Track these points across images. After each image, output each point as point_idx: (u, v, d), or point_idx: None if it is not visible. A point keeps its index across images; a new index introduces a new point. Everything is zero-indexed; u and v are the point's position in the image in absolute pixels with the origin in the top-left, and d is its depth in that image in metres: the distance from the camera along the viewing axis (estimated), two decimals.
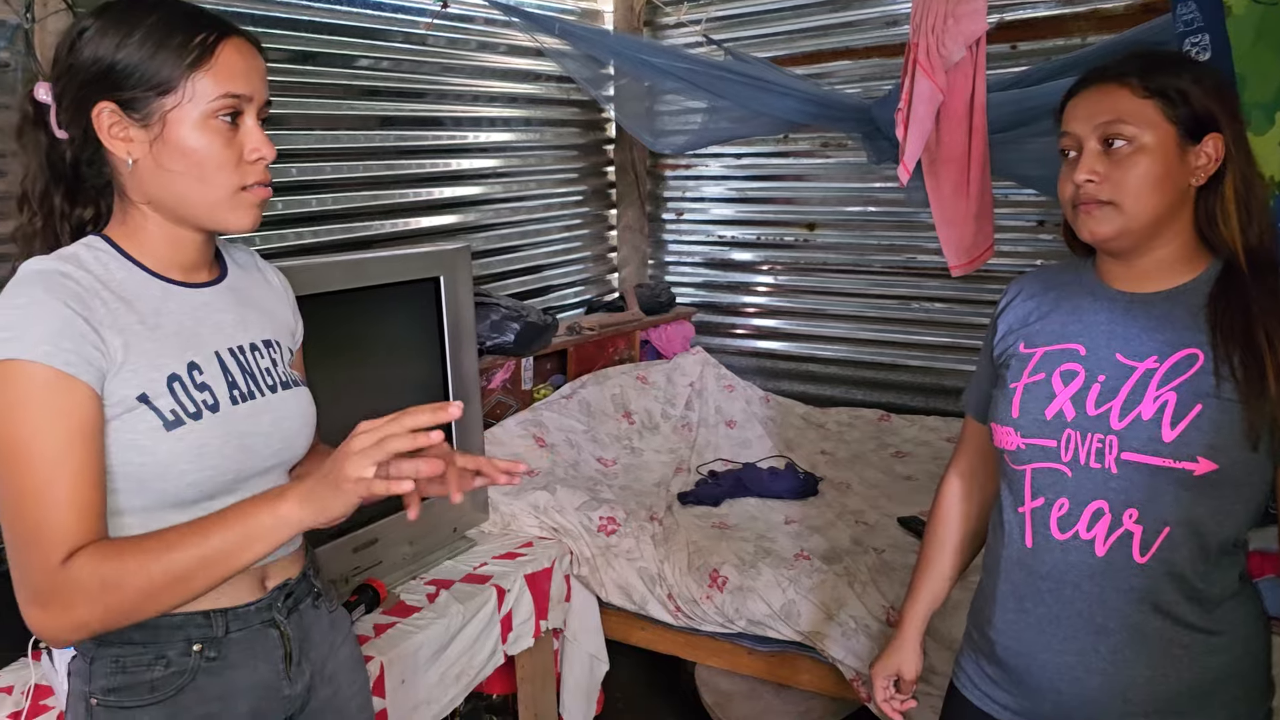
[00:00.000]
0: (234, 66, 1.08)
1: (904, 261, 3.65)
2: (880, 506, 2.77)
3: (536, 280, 3.78)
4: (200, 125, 1.07)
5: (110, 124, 1.06)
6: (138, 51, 1.04)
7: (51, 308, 1.00)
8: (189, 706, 1.13)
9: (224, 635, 1.15)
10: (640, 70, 2.67)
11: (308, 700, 1.26)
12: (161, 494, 1.08)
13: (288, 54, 2.69)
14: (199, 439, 1.09)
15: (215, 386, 1.12)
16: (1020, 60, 3.19)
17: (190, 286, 1.16)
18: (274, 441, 1.19)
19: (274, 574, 1.22)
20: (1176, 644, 1.17)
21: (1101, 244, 1.21)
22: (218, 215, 1.11)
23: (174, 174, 1.07)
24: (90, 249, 1.10)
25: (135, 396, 1.05)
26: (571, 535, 2.55)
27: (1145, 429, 1.15)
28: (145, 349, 1.07)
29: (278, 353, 1.24)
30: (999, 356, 1.34)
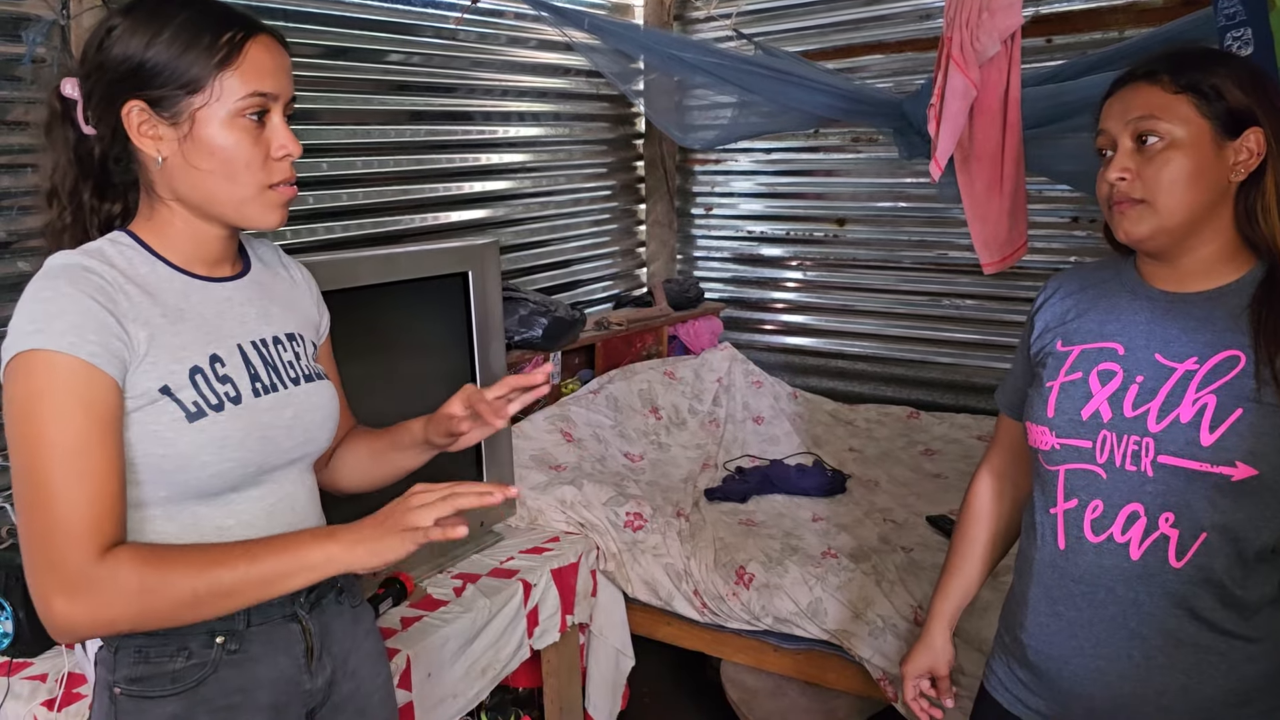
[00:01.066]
0: (261, 65, 1.09)
1: (935, 258, 3.62)
2: (909, 505, 2.75)
3: (565, 275, 3.78)
4: (228, 124, 1.08)
5: (140, 122, 1.07)
6: (167, 50, 1.05)
7: (76, 300, 1.02)
8: (209, 698, 1.14)
9: (245, 628, 1.16)
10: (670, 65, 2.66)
11: (329, 694, 1.26)
12: (184, 485, 1.09)
13: (319, 49, 2.70)
14: (221, 430, 1.10)
15: (237, 378, 1.13)
16: (1056, 54, 3.15)
17: (214, 281, 1.17)
18: (296, 434, 1.20)
19: None
20: (1213, 651, 1.16)
21: (1137, 244, 1.19)
22: (245, 213, 1.12)
23: (203, 172, 1.09)
24: (115, 244, 1.11)
25: (157, 388, 1.06)
26: (598, 531, 2.55)
27: (1183, 432, 1.13)
28: (167, 341, 1.08)
29: (300, 346, 1.25)
30: (1036, 354, 1.33)
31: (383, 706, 1.37)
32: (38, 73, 2.01)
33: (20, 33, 1.97)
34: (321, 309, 1.37)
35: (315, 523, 1.26)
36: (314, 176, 2.71)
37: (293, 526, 1.20)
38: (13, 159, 2.02)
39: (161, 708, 1.12)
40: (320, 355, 1.35)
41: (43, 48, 1.99)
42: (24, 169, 2.03)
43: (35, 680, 1.74)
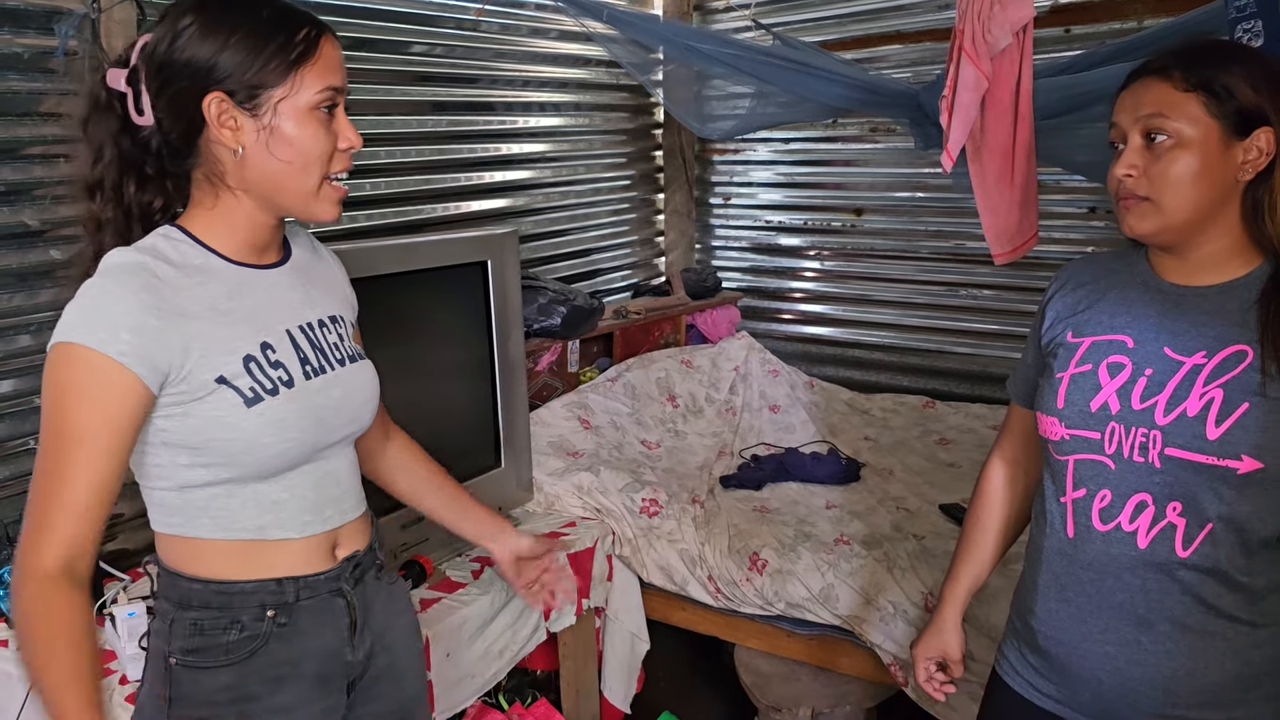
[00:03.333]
0: (332, 61, 1.14)
1: (952, 248, 3.62)
2: (922, 493, 2.77)
3: (584, 264, 3.81)
4: (306, 116, 1.12)
5: (220, 113, 1.10)
6: (245, 48, 1.09)
7: (118, 297, 1.06)
8: (260, 669, 1.19)
9: (295, 602, 1.20)
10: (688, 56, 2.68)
11: (367, 667, 1.31)
12: (249, 466, 1.14)
13: (343, 41, 2.70)
14: (278, 413, 1.14)
15: (289, 363, 1.18)
16: (1074, 44, 3.14)
17: (262, 268, 1.21)
18: (345, 413, 1.25)
19: (344, 544, 1.28)
20: (1220, 636, 1.17)
21: (1142, 239, 1.20)
22: (309, 205, 1.16)
23: (280, 163, 1.12)
24: (167, 239, 1.14)
25: (214, 379, 1.11)
26: (614, 516, 2.59)
27: (1190, 426, 1.14)
28: (219, 334, 1.12)
29: (342, 327, 1.30)
30: (1046, 345, 1.34)
31: (417, 678, 1.43)
32: (69, 65, 2.06)
33: (52, 26, 2.02)
34: (352, 290, 1.41)
35: (356, 495, 1.31)
36: None
37: (336, 499, 1.26)
38: (46, 149, 2.07)
39: (216, 678, 1.17)
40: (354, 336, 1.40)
41: (74, 40, 2.03)
42: (56, 159, 2.08)
43: None
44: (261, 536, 1.19)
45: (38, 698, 1.06)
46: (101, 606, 1.87)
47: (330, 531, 1.25)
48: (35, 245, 2.07)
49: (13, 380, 2.06)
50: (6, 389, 2.06)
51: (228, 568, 1.18)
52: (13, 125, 2.01)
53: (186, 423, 1.11)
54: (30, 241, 2.06)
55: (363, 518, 1.33)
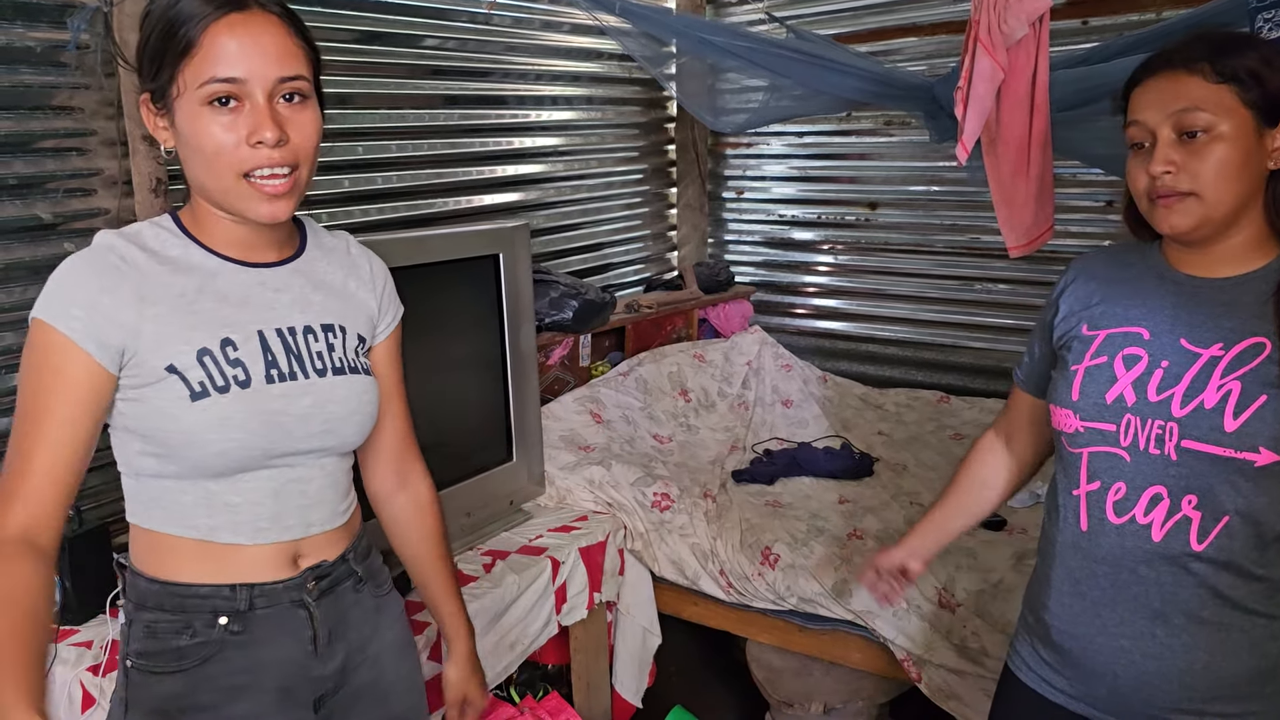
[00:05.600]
0: (223, 49, 1.04)
1: (967, 242, 3.60)
2: (936, 488, 2.75)
3: (597, 258, 3.81)
4: (195, 114, 1.06)
5: (146, 114, 1.11)
6: (152, 43, 1.08)
7: (79, 275, 1.08)
8: (214, 677, 1.16)
9: (248, 610, 1.17)
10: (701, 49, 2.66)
11: (343, 681, 1.27)
12: (192, 462, 1.12)
13: (355, 34, 2.74)
14: (223, 411, 1.11)
15: (250, 364, 1.14)
16: (1091, 36, 3.11)
17: (248, 265, 1.18)
18: (313, 424, 1.19)
19: (308, 553, 1.23)
20: (1236, 629, 1.16)
21: (1182, 236, 1.18)
22: (232, 203, 1.11)
23: (191, 164, 1.11)
24: (155, 226, 1.16)
25: (164, 367, 1.10)
26: (626, 510, 2.58)
27: (1207, 418, 1.13)
28: (179, 321, 1.11)
29: (339, 338, 1.23)
30: (1059, 338, 1.33)
31: (407, 694, 1.37)
32: (82, 59, 2.06)
33: (65, 19, 2.02)
34: (388, 304, 1.34)
35: (330, 508, 1.25)
36: (350, 160, 2.76)
37: (301, 510, 1.21)
38: (59, 143, 2.07)
39: (166, 684, 1.14)
40: (378, 352, 1.33)
41: (86, 34, 2.04)
42: (69, 153, 2.09)
43: (81, 647, 1.80)
44: (211, 537, 1.16)
45: None
46: (115, 598, 1.87)
47: (291, 542, 1.21)
48: (48, 238, 2.08)
49: None
50: None
51: (182, 568, 1.16)
52: (25, 119, 2.02)
53: (137, 408, 1.11)
54: (43, 235, 2.07)
55: (340, 530, 1.27)
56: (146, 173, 2.13)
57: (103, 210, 2.14)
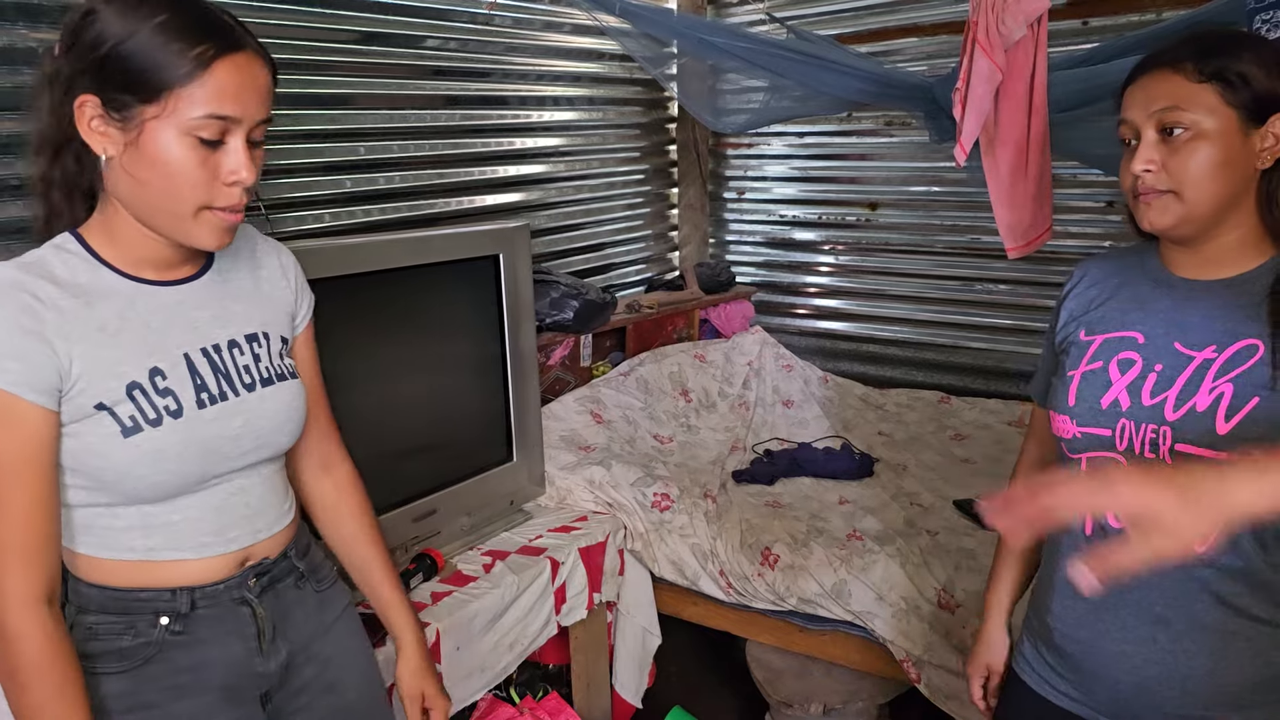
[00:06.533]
0: (227, 86, 1.02)
1: (967, 242, 3.60)
2: (936, 489, 2.76)
3: (598, 258, 3.81)
4: (177, 140, 1.02)
5: (91, 117, 1.03)
6: (134, 52, 1.00)
7: (1, 326, 1.01)
8: (156, 676, 1.15)
9: (190, 611, 1.17)
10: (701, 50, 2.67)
11: (286, 678, 1.26)
12: (124, 493, 1.11)
13: (355, 34, 2.74)
14: (155, 445, 1.09)
15: (180, 391, 1.12)
16: (1092, 36, 3.11)
17: (163, 285, 1.14)
18: (244, 442, 1.18)
19: (254, 556, 1.23)
20: (1240, 636, 1.15)
21: (1162, 233, 1.19)
22: (178, 229, 1.08)
23: (141, 183, 1.04)
24: (59, 251, 1.08)
25: (93, 405, 1.06)
26: (626, 510, 2.59)
27: (1199, 421, 1.13)
28: (104, 357, 1.07)
29: (263, 346, 1.22)
30: (1060, 343, 1.34)
31: (360, 684, 1.36)
32: None
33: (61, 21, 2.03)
34: (301, 295, 1.32)
35: (273, 514, 1.25)
36: (351, 160, 2.76)
37: (247, 519, 1.21)
38: None
39: (111, 684, 1.14)
40: (298, 345, 1.32)
41: None
42: None
43: None
44: (150, 558, 1.14)
45: None
46: None
47: (238, 551, 1.20)
48: None
49: None
50: None
51: (120, 579, 1.15)
52: (27, 119, 2.02)
53: (64, 444, 1.07)
54: None
55: (284, 530, 1.27)
56: None
57: None
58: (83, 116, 1.03)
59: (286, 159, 2.59)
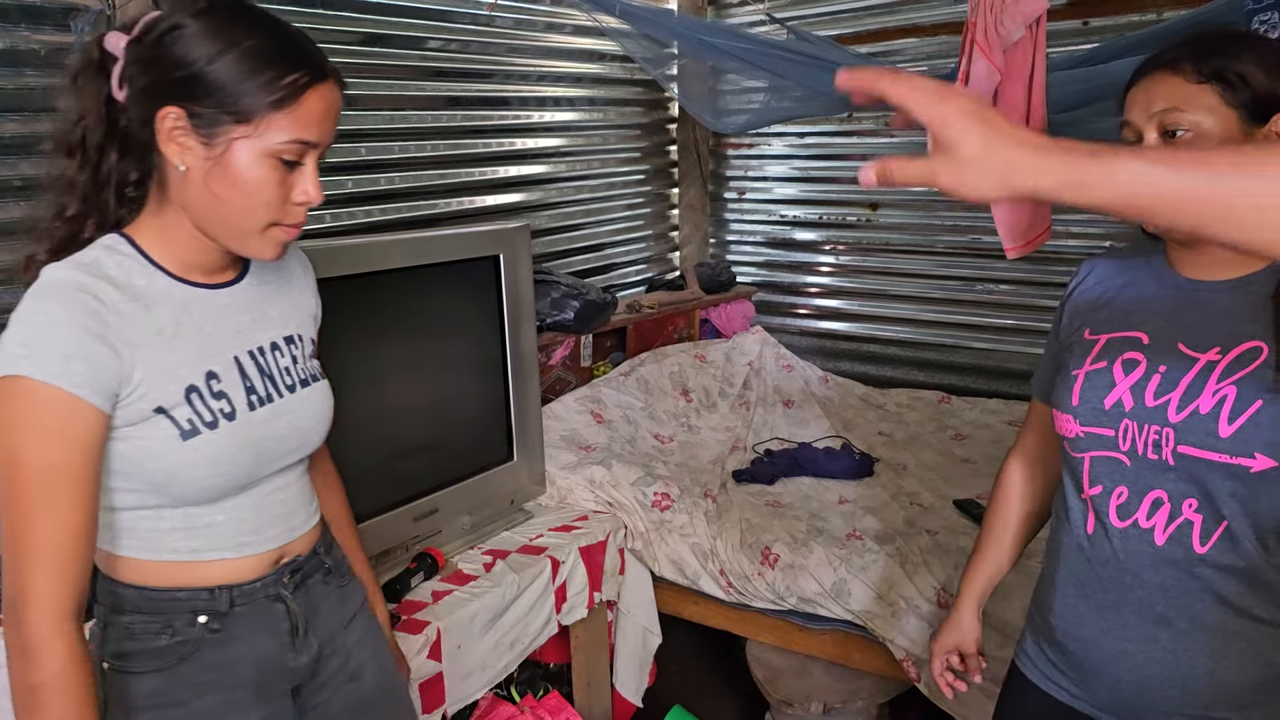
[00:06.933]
0: (313, 114, 1.06)
1: (968, 242, 3.60)
2: (936, 488, 2.76)
3: (599, 258, 3.82)
4: (259, 161, 1.05)
5: (173, 128, 1.04)
6: (227, 73, 1.02)
7: (64, 324, 1.00)
8: (188, 674, 1.16)
9: (229, 609, 1.17)
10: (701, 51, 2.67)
11: (316, 671, 1.28)
12: (174, 496, 1.11)
13: (357, 36, 2.75)
14: (213, 449, 1.10)
15: (233, 394, 1.14)
16: (1092, 37, 3.11)
17: (211, 288, 1.15)
18: (288, 443, 1.21)
19: (288, 554, 1.25)
20: (1241, 636, 1.16)
21: (1165, 234, 1.20)
22: (242, 243, 1.11)
23: (217, 198, 1.06)
24: (112, 253, 1.09)
25: (152, 409, 1.07)
26: (626, 510, 2.59)
27: (1202, 423, 1.13)
28: (163, 361, 1.07)
29: (298, 347, 1.24)
30: (1064, 341, 1.34)
31: (380, 671, 1.39)
32: None
33: (69, 22, 2.03)
34: (317, 297, 1.35)
35: (304, 512, 1.27)
36: (352, 161, 2.77)
37: (282, 518, 1.23)
38: None
39: (143, 683, 1.14)
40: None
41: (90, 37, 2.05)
42: None
43: None
44: (193, 558, 1.15)
45: None
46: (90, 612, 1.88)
47: (274, 549, 1.22)
48: None
49: None
50: None
51: (159, 580, 1.15)
52: (30, 121, 2.03)
53: (116, 447, 1.07)
54: None
55: (314, 527, 1.29)
56: None
57: None
58: (163, 127, 1.04)
59: None
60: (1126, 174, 0.67)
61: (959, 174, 0.71)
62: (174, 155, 1.05)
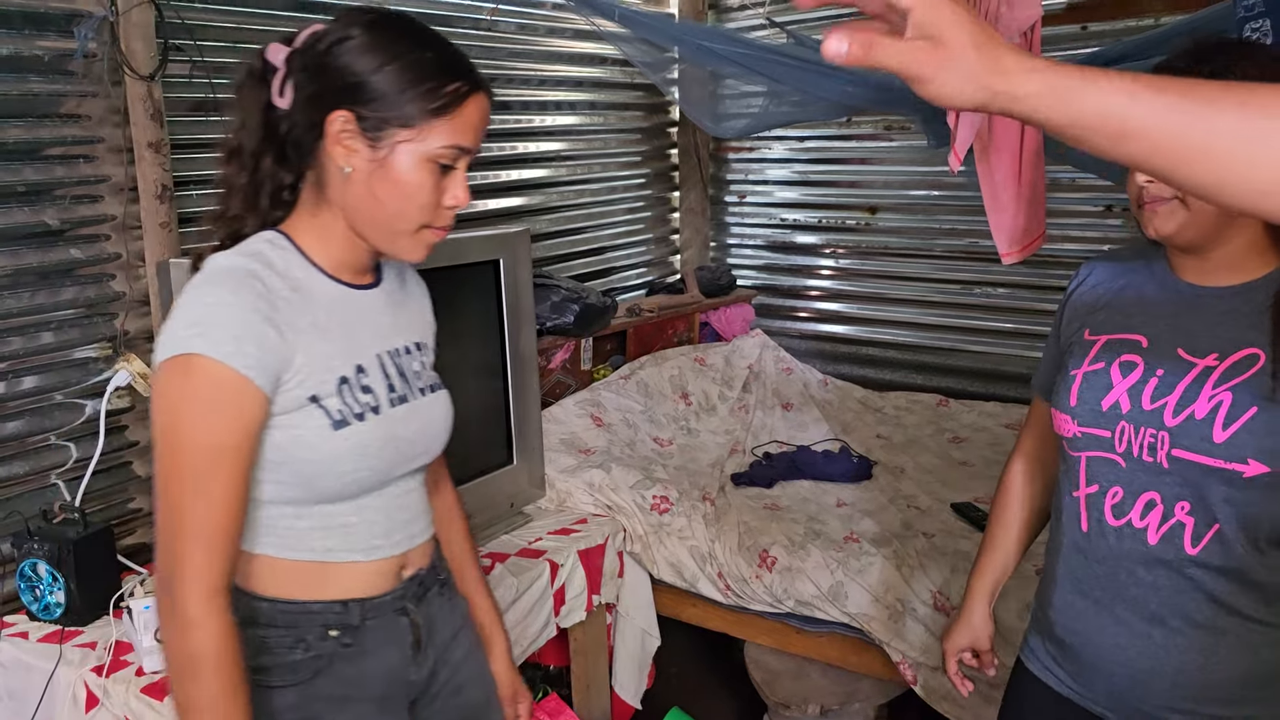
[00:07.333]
0: (470, 121, 1.11)
1: (967, 246, 3.61)
2: (933, 491, 2.77)
3: (600, 262, 3.83)
4: (419, 165, 1.09)
5: (341, 131, 1.08)
6: (393, 81, 1.07)
7: (238, 308, 1.04)
8: (323, 689, 1.17)
9: (360, 623, 1.19)
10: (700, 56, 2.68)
11: (429, 684, 1.30)
12: (321, 489, 1.14)
13: None
14: (361, 440, 1.13)
15: (377, 389, 1.17)
16: (1091, 41, 3.13)
17: (357, 288, 1.20)
18: (420, 445, 1.24)
19: (410, 564, 1.26)
20: (1230, 633, 1.17)
21: (1168, 240, 1.19)
22: (394, 243, 1.15)
23: (377, 199, 1.11)
24: (273, 246, 1.13)
25: (307, 397, 1.10)
26: (625, 513, 2.61)
27: (1197, 428, 1.14)
28: (319, 350, 1.11)
29: (425, 355, 1.29)
30: (1064, 341, 1.35)
31: (481, 684, 1.41)
32: (89, 67, 2.10)
33: (72, 28, 2.05)
34: (432, 313, 1.38)
35: (424, 520, 1.29)
36: None
37: (406, 524, 1.25)
38: (66, 150, 2.10)
39: (281, 698, 1.15)
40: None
41: (93, 43, 2.07)
42: (77, 160, 2.12)
43: (85, 648, 1.84)
44: (328, 559, 1.17)
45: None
46: (119, 599, 1.90)
47: (399, 555, 1.24)
48: (56, 244, 2.11)
49: (35, 377, 2.10)
50: (28, 385, 2.10)
51: (293, 588, 1.16)
52: (34, 126, 2.05)
53: (270, 435, 1.10)
54: (51, 241, 2.10)
55: (430, 538, 1.32)
56: (152, 179, 2.16)
57: (109, 216, 2.17)
58: (332, 129, 1.09)
59: None
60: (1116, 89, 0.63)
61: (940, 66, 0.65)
62: (340, 157, 1.10)
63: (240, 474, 1.06)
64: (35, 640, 1.87)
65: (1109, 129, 0.64)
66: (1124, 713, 1.26)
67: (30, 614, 1.94)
